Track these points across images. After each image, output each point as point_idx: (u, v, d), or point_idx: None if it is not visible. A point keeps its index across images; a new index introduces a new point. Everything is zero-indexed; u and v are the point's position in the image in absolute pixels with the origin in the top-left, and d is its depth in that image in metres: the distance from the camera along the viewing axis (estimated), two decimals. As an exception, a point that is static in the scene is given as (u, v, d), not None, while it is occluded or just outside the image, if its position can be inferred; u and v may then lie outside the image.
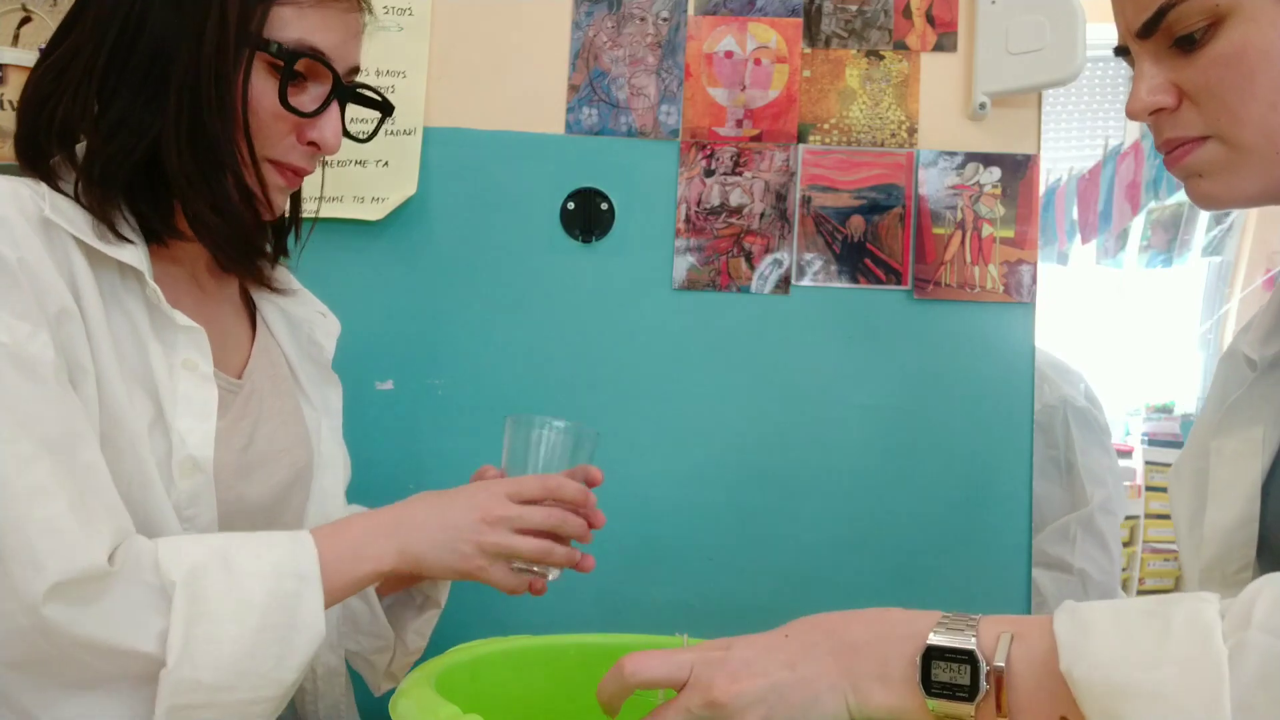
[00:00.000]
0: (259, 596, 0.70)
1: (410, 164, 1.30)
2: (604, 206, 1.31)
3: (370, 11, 0.89)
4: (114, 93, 0.78)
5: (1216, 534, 0.77)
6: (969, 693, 0.58)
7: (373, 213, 1.29)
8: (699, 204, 1.30)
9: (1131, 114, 0.73)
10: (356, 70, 0.87)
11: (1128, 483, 2.56)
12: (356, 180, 1.30)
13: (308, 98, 0.83)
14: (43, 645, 0.65)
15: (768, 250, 1.30)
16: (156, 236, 0.82)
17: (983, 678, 0.58)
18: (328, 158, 1.27)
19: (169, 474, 0.78)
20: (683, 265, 1.30)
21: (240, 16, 0.78)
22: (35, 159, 0.79)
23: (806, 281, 1.29)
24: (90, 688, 0.67)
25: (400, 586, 1.00)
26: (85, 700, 0.67)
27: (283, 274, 0.99)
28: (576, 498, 0.85)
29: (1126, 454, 3.76)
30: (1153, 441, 3.73)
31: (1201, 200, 0.73)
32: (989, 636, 0.59)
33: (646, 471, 1.27)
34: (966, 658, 0.58)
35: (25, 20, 1.36)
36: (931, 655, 0.60)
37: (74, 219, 0.75)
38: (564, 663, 0.87)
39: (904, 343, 1.28)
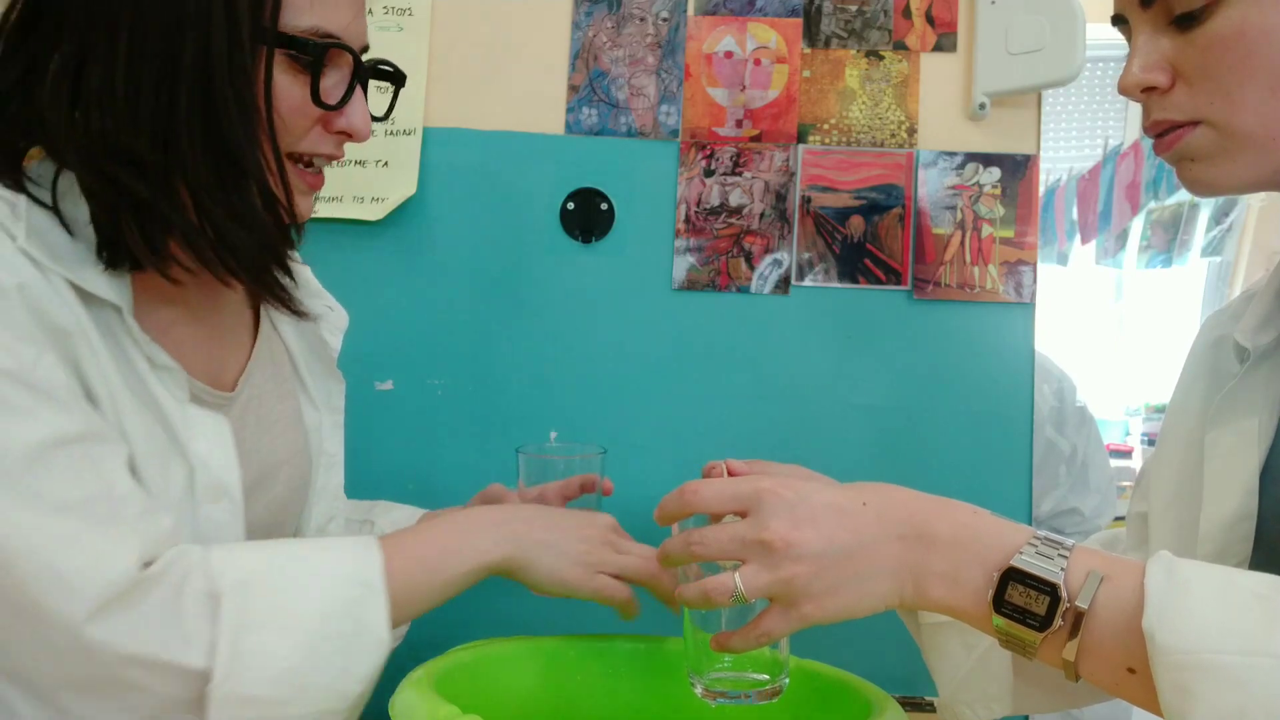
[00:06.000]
0: (315, 605, 0.66)
1: (410, 164, 1.30)
2: (604, 207, 1.31)
3: None
4: (118, 97, 0.68)
5: (1213, 530, 0.73)
6: (1040, 623, 0.55)
7: (372, 213, 1.29)
8: (699, 204, 1.30)
9: (1123, 90, 0.71)
10: (366, 48, 0.81)
11: (1125, 483, 2.57)
12: (356, 180, 1.30)
13: (330, 84, 0.76)
14: (85, 668, 0.60)
15: (767, 250, 1.30)
16: (138, 264, 0.72)
17: (1059, 614, 0.54)
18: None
19: (192, 501, 0.74)
20: (682, 265, 1.30)
21: (251, 8, 0.70)
22: (5, 165, 0.71)
23: (806, 282, 1.29)
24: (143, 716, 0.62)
25: None
26: None
27: (303, 273, 0.94)
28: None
29: (1126, 454, 3.76)
30: (1153, 442, 3.72)
31: (1193, 186, 0.71)
32: (1078, 571, 0.55)
33: (646, 471, 1.27)
34: (1048, 590, 0.55)
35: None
36: (1011, 576, 0.56)
37: (56, 248, 0.68)
38: (564, 663, 0.86)
39: (904, 343, 1.28)
